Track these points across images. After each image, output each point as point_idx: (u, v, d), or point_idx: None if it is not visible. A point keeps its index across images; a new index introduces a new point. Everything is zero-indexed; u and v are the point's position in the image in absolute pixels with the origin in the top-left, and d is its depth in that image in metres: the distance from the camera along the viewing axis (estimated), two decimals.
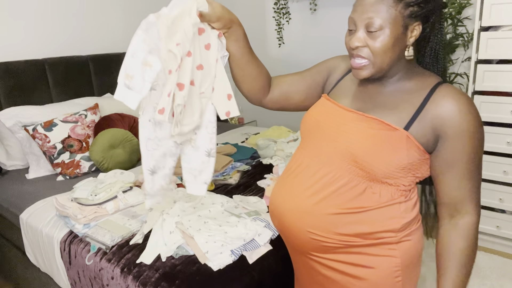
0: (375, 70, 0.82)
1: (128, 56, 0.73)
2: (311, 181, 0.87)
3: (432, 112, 0.79)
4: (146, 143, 0.83)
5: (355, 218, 0.84)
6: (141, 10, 2.82)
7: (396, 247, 0.85)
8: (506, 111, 2.03)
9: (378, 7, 0.76)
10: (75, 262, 1.40)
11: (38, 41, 2.28)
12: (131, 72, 0.72)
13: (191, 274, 1.18)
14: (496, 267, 2.11)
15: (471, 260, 0.84)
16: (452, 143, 0.79)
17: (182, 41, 0.77)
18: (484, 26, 2.01)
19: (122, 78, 0.73)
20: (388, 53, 0.79)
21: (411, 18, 0.78)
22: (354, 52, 0.82)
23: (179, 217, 1.40)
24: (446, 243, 0.85)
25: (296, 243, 0.93)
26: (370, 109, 0.86)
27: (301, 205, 0.88)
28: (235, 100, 0.91)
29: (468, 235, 0.83)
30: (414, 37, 0.80)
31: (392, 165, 0.80)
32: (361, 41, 0.80)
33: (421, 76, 0.86)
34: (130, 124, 2.34)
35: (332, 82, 1.03)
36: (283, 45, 3.47)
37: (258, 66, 0.98)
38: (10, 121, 1.99)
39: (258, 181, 1.86)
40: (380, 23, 0.76)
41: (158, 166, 0.87)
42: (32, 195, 1.80)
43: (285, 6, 3.29)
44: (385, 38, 0.77)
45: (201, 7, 0.80)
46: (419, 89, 0.83)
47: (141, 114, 0.82)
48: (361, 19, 0.79)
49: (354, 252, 0.86)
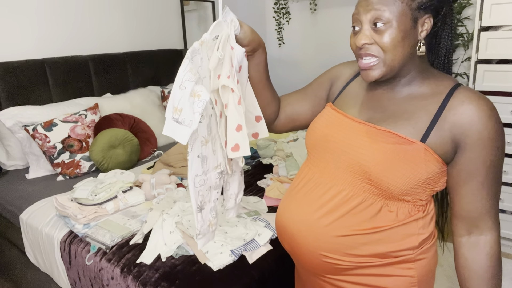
0: (386, 69, 0.76)
1: (175, 88, 0.69)
2: (322, 201, 0.81)
3: (451, 120, 0.73)
4: (194, 180, 0.78)
5: (370, 239, 0.78)
6: (141, 10, 2.82)
7: (413, 266, 0.80)
8: (506, 111, 2.03)
9: (383, 0, 0.72)
10: (75, 262, 1.40)
11: (38, 41, 2.27)
12: (180, 105, 0.68)
13: (191, 274, 1.18)
14: None
15: (498, 280, 0.78)
16: (472, 153, 0.73)
17: (231, 73, 0.75)
18: (484, 26, 2.01)
19: (171, 112, 0.69)
20: (398, 48, 0.73)
21: (419, 10, 0.73)
22: (362, 52, 0.77)
23: (179, 217, 1.40)
24: (469, 265, 0.78)
25: (307, 265, 0.87)
26: (382, 119, 0.80)
27: (313, 227, 0.82)
28: (264, 121, 0.87)
29: (493, 254, 0.77)
30: (426, 31, 0.75)
31: (410, 181, 0.74)
32: (368, 38, 0.75)
33: (434, 78, 0.80)
34: (130, 124, 2.34)
35: (336, 90, 0.97)
36: (283, 45, 3.47)
37: (273, 92, 0.96)
38: (10, 121, 1.99)
39: (258, 181, 1.86)
40: (386, 16, 0.72)
41: (205, 201, 0.83)
42: (32, 195, 1.80)
43: (285, 6, 3.29)
44: (393, 32, 0.72)
45: (236, 30, 0.79)
46: (434, 94, 0.77)
47: (190, 152, 0.76)
48: (366, 15, 0.74)
49: (369, 274, 0.81)
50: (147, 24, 2.90)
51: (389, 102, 0.81)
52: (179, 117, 0.69)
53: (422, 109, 0.76)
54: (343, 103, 0.91)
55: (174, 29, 3.14)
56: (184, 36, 3.21)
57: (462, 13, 2.37)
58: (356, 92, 0.90)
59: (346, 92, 0.93)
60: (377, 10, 0.72)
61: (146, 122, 2.50)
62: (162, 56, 2.92)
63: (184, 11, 3.16)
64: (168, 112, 0.69)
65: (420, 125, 0.75)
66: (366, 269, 0.81)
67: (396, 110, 0.79)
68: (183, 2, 3.13)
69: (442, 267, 2.12)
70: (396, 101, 0.81)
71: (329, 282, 0.86)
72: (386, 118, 0.79)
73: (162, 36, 3.04)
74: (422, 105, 0.77)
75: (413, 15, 0.73)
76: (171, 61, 3.00)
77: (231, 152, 0.76)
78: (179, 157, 2.00)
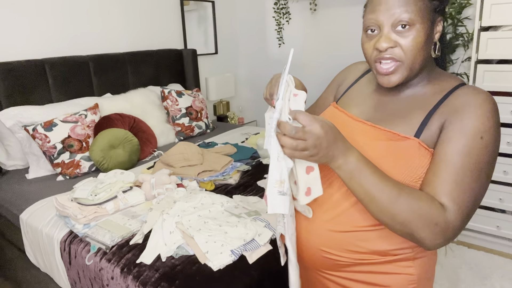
0: (407, 73, 0.74)
1: (274, 162, 0.67)
2: (322, 197, 0.81)
3: (442, 111, 0.73)
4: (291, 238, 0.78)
5: (370, 236, 0.78)
6: (141, 10, 2.82)
7: (412, 264, 0.80)
8: (506, 111, 2.03)
9: (406, 0, 0.70)
10: (75, 262, 1.40)
11: (38, 41, 2.27)
12: (282, 177, 0.67)
13: (191, 274, 1.18)
14: (496, 267, 2.11)
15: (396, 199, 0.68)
16: (449, 134, 0.70)
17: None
18: (484, 26, 2.01)
19: (276, 187, 0.67)
20: (421, 51, 0.72)
21: (435, 12, 0.73)
22: (382, 55, 0.74)
23: (179, 217, 1.40)
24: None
25: (307, 261, 0.88)
26: (380, 119, 0.81)
27: (314, 223, 0.83)
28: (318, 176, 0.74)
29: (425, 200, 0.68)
30: (439, 33, 0.75)
31: (406, 177, 0.73)
32: (390, 41, 0.72)
33: (440, 79, 0.79)
34: (130, 124, 2.34)
35: (341, 90, 0.98)
36: (283, 45, 3.47)
37: None
38: (10, 121, 1.99)
39: (258, 181, 1.86)
40: (411, 17, 0.70)
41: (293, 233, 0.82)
42: (32, 195, 1.80)
43: (285, 6, 3.29)
44: (419, 34, 0.70)
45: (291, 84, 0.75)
46: (435, 93, 0.77)
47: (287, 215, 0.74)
48: (388, 17, 0.72)
49: (369, 271, 0.81)
50: (147, 24, 2.90)
51: (391, 102, 0.82)
52: (284, 189, 0.68)
53: (419, 107, 0.77)
54: (346, 103, 0.92)
55: (174, 29, 3.14)
56: (184, 36, 3.21)
57: (462, 13, 2.37)
58: (361, 92, 0.91)
59: (351, 92, 0.93)
60: (401, 13, 0.70)
61: (146, 122, 2.50)
62: (162, 56, 2.92)
63: (184, 11, 3.16)
64: (272, 187, 0.67)
65: (414, 122, 0.75)
66: (366, 266, 0.81)
67: (395, 110, 0.80)
68: (183, 2, 3.13)
69: (442, 267, 2.12)
70: (397, 101, 0.81)
71: (329, 279, 0.87)
72: (385, 117, 0.80)
73: (162, 36, 3.04)
74: (420, 104, 0.77)
75: (432, 16, 0.73)
76: (171, 61, 3.00)
77: (305, 198, 0.73)
78: (179, 157, 2.00)
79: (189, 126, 2.71)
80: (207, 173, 1.90)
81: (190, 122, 2.72)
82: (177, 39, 3.18)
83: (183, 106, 2.70)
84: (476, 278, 2.03)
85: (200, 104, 2.82)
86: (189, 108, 2.73)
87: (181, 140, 2.70)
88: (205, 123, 2.84)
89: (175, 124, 2.68)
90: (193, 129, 2.74)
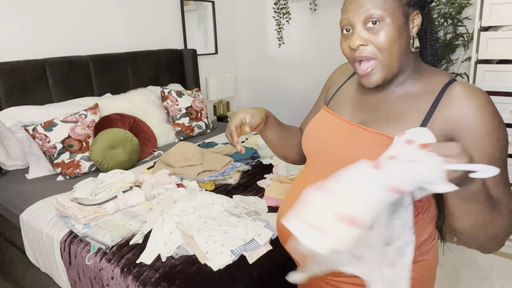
0: (384, 71, 0.74)
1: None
2: None
3: (442, 116, 0.71)
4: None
5: None
6: (141, 10, 2.82)
7: (412, 267, 0.77)
8: (506, 111, 2.03)
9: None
10: (75, 262, 1.40)
11: (38, 41, 2.27)
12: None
13: (191, 274, 1.18)
14: (496, 267, 2.11)
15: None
16: (468, 147, 0.68)
17: None
18: (484, 26, 2.01)
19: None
20: (394, 46, 0.71)
21: (409, 6, 0.73)
22: (356, 55, 0.74)
23: (179, 217, 1.40)
24: None
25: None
26: (374, 121, 0.79)
27: None
28: None
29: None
30: (417, 27, 0.75)
31: None
32: (362, 39, 0.72)
33: (428, 76, 0.78)
34: (130, 124, 2.34)
35: (330, 93, 0.97)
36: (283, 45, 3.47)
37: (294, 134, 1.03)
38: (10, 121, 1.99)
39: (258, 181, 1.86)
40: (380, 13, 0.70)
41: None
42: (32, 195, 1.80)
43: (285, 6, 3.29)
44: (389, 29, 0.70)
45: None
46: (427, 92, 0.75)
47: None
48: (358, 15, 0.72)
49: None
50: (147, 24, 2.90)
51: (382, 103, 0.80)
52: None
53: (414, 108, 0.75)
54: (336, 105, 0.90)
55: (174, 29, 3.14)
56: (184, 36, 3.21)
57: (462, 13, 2.37)
58: (349, 93, 0.89)
59: (340, 94, 0.92)
60: (369, 9, 0.71)
61: (146, 122, 2.50)
62: (162, 56, 2.92)
63: (184, 11, 3.16)
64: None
65: (411, 126, 0.73)
66: None
67: (388, 111, 0.78)
68: (183, 2, 3.13)
69: (442, 267, 2.12)
70: (389, 102, 0.79)
71: (330, 283, 0.86)
72: (378, 119, 0.78)
73: (162, 36, 3.04)
74: (415, 105, 0.75)
75: (405, 10, 0.73)
76: (171, 61, 3.00)
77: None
78: (179, 157, 2.00)
79: (189, 126, 2.71)
80: (207, 173, 1.91)
81: (190, 122, 2.72)
82: (177, 39, 3.18)
83: (183, 106, 2.70)
84: (476, 278, 2.03)
85: (200, 104, 2.82)
86: (189, 108, 2.73)
87: (181, 140, 2.70)
88: (205, 123, 2.84)
89: (175, 124, 2.68)
90: (193, 129, 2.74)
